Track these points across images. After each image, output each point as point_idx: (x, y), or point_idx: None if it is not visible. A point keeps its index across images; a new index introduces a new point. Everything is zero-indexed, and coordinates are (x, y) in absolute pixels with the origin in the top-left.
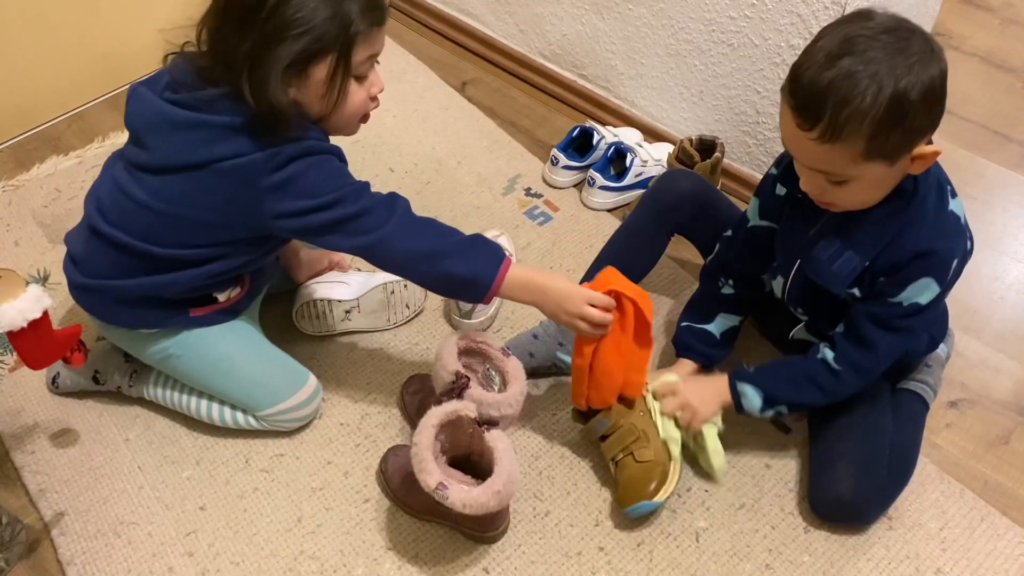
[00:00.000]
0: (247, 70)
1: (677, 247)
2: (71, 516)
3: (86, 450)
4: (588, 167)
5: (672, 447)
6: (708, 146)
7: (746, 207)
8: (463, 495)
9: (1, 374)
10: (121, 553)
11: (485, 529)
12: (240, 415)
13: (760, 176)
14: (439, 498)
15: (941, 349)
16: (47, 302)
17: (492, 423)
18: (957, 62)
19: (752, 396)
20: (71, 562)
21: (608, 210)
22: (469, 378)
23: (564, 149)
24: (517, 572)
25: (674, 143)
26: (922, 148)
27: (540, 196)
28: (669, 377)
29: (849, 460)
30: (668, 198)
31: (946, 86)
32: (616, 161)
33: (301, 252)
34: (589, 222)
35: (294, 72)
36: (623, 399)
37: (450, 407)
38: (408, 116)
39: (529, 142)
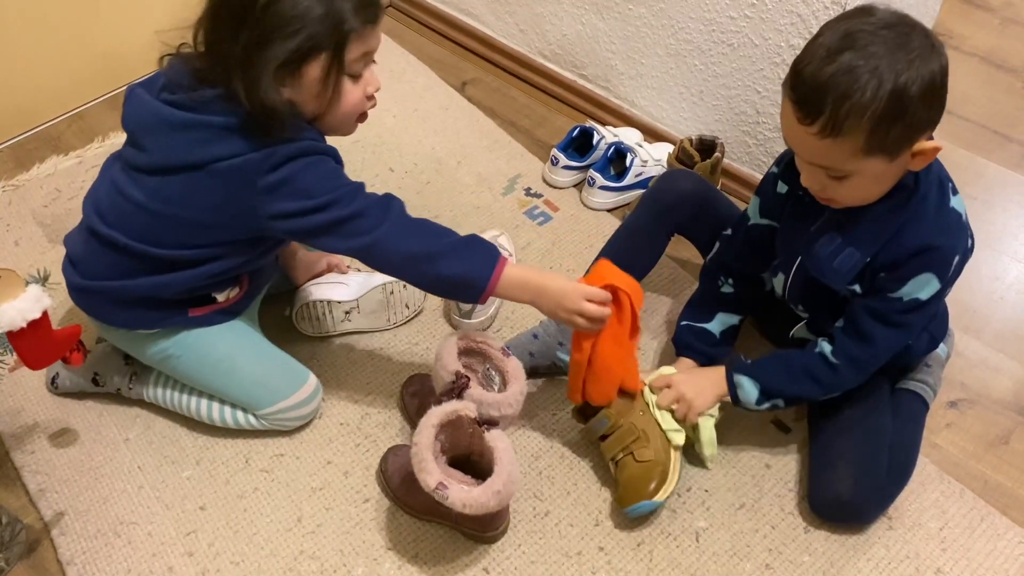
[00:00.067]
0: (240, 70)
1: (677, 247)
2: (71, 516)
3: (86, 450)
4: (588, 167)
5: (675, 437)
6: (708, 146)
7: (746, 207)
8: (463, 495)
9: (1, 374)
10: (121, 553)
11: (485, 529)
12: (240, 415)
13: (760, 176)
14: (439, 498)
15: (941, 349)
16: (47, 302)
17: (492, 423)
18: (957, 62)
19: (749, 388)
20: (71, 562)
21: (608, 210)
22: (469, 378)
23: (564, 149)
24: (517, 572)
25: (674, 143)
26: (922, 144)
27: (540, 196)
28: (665, 370)
29: (849, 460)
30: (668, 198)
31: (947, 82)
32: (616, 161)
33: (299, 254)
34: (589, 222)
35: (287, 71)
36: (623, 392)
37: (450, 407)
38: (408, 116)
39: (529, 142)
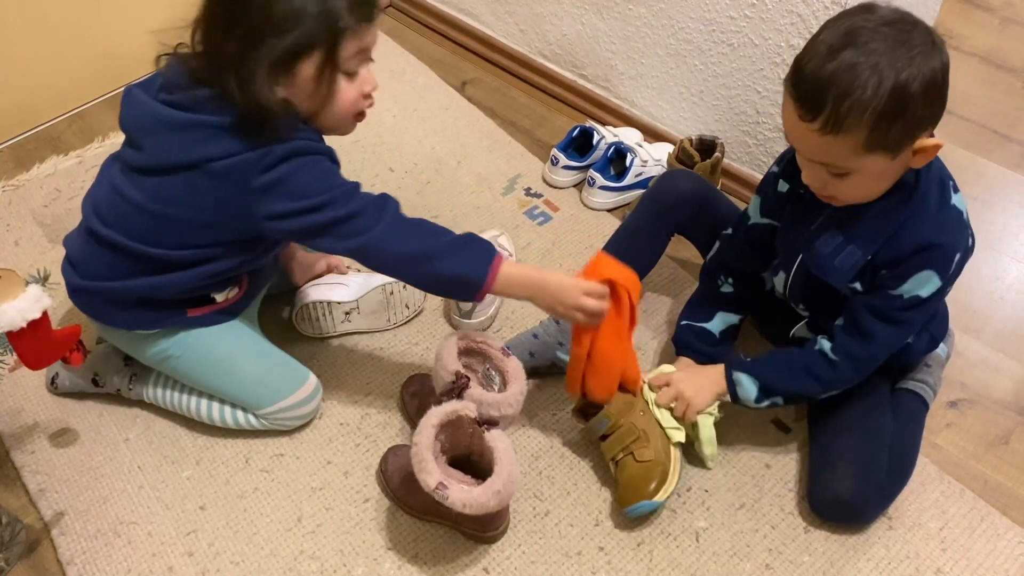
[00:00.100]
0: (234, 69)
1: (677, 247)
2: (71, 516)
3: (86, 450)
4: (588, 167)
5: (674, 435)
6: (708, 146)
7: (746, 206)
8: (463, 495)
9: (1, 374)
10: (121, 553)
11: (485, 529)
12: (240, 415)
13: (760, 176)
14: (439, 498)
15: (941, 349)
16: (47, 302)
17: (492, 423)
18: (957, 62)
19: (748, 385)
20: (71, 562)
21: (608, 210)
22: (469, 378)
23: (564, 149)
24: (517, 572)
25: (674, 143)
26: (923, 141)
27: (540, 196)
28: (665, 368)
29: (849, 460)
30: (668, 198)
31: (948, 79)
32: (616, 161)
33: (299, 254)
34: (589, 222)
35: (281, 70)
36: (623, 390)
37: (450, 407)
38: (408, 116)
39: (529, 142)
